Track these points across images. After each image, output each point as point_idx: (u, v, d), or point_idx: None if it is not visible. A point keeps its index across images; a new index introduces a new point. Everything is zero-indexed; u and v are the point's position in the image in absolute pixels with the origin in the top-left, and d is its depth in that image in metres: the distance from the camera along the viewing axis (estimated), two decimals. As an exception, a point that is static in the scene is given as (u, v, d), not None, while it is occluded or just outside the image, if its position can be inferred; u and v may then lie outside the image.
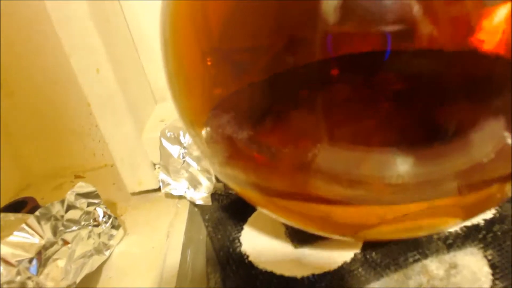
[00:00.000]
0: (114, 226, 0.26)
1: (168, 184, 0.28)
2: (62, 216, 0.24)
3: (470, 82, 0.13)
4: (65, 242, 0.23)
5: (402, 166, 0.13)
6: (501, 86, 0.13)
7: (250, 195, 0.16)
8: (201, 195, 0.27)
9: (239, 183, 0.16)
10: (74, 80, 0.26)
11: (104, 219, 0.25)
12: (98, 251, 0.24)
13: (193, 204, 0.27)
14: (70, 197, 0.24)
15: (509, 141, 0.13)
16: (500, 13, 0.12)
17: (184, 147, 0.27)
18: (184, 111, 0.17)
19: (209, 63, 0.16)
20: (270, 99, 0.15)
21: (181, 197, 0.28)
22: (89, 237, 0.24)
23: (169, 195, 0.29)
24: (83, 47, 0.25)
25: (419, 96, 0.14)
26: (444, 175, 0.13)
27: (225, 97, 0.16)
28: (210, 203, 0.26)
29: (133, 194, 0.31)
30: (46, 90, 0.34)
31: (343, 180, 0.13)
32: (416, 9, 0.11)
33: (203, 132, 0.16)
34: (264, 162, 0.15)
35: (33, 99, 0.34)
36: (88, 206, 0.25)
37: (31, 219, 0.22)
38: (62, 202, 0.24)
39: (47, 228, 0.22)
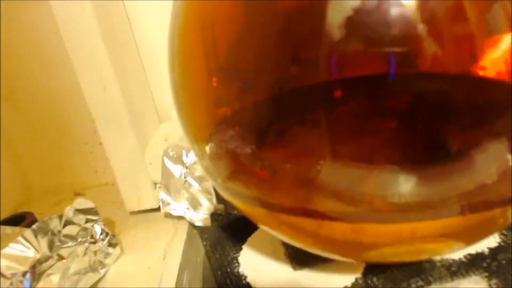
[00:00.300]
0: (111, 244, 0.25)
1: (168, 204, 0.28)
2: (59, 231, 0.23)
3: (473, 104, 0.14)
4: (60, 257, 0.22)
5: (405, 184, 0.13)
6: (504, 109, 0.13)
7: (251, 211, 0.16)
8: (201, 216, 0.27)
9: (241, 198, 0.16)
10: (80, 96, 0.27)
11: (102, 237, 0.25)
12: (93, 268, 0.24)
13: (192, 225, 0.27)
14: (68, 212, 0.24)
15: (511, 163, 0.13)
16: (503, 42, 0.12)
17: (186, 167, 0.27)
18: (189, 125, 0.17)
19: (215, 81, 0.16)
20: (274, 115, 0.15)
21: (180, 218, 0.28)
22: (85, 254, 0.24)
23: (168, 215, 0.28)
24: (91, 64, 0.25)
25: (423, 116, 0.14)
26: (446, 195, 0.13)
27: (230, 114, 0.16)
28: (210, 225, 0.26)
29: (132, 213, 0.30)
30: (52, 106, 0.34)
31: (345, 197, 0.13)
32: (420, 29, 0.12)
33: (207, 147, 0.16)
34: (267, 177, 0.15)
35: (38, 114, 0.35)
36: (86, 222, 0.25)
37: (28, 232, 0.22)
38: (60, 217, 0.24)
39: (43, 242, 0.22)
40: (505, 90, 0.13)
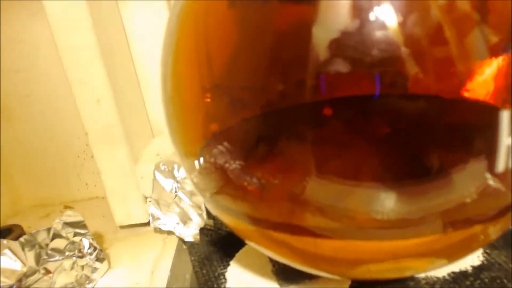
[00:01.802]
0: (98, 259, 0.25)
1: (158, 218, 0.28)
2: (47, 245, 0.23)
3: (454, 125, 0.14)
4: (47, 271, 0.22)
5: (388, 202, 0.13)
6: (483, 129, 0.13)
7: (239, 226, 0.16)
8: (191, 232, 0.27)
9: (230, 213, 0.16)
10: (73, 109, 0.27)
11: (89, 251, 0.25)
12: (80, 283, 0.24)
13: (181, 240, 0.27)
14: (57, 225, 0.24)
15: (491, 182, 0.13)
16: (488, 67, 0.13)
17: (177, 181, 0.27)
18: (179, 140, 0.17)
19: (207, 97, 0.17)
20: (264, 132, 0.15)
21: (170, 233, 0.28)
22: (72, 268, 0.24)
23: (157, 230, 0.28)
24: (86, 77, 0.26)
25: (406, 135, 0.14)
26: (428, 213, 0.13)
27: (220, 130, 0.17)
28: (199, 240, 0.26)
29: (122, 227, 0.30)
30: (44, 118, 0.34)
31: (330, 213, 0.13)
32: (404, 52, 0.12)
33: (197, 162, 0.17)
34: (255, 192, 0.15)
35: (29, 125, 0.35)
36: (74, 236, 0.25)
37: (15, 245, 0.22)
38: (49, 230, 0.24)
39: (30, 256, 0.22)
40: (484, 111, 0.14)
